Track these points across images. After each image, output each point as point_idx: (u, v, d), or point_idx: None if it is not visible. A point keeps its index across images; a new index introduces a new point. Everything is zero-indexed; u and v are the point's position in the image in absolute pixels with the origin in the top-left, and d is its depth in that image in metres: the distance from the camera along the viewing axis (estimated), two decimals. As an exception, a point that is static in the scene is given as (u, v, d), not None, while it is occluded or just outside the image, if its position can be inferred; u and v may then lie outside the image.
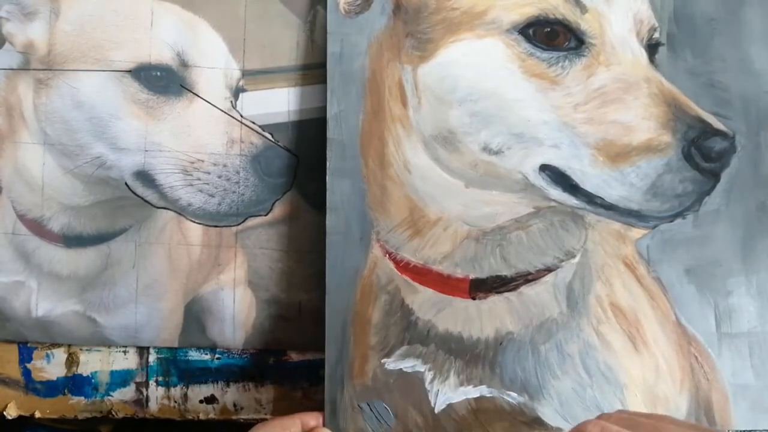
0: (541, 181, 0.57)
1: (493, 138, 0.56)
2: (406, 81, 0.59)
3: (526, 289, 0.59)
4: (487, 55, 0.57)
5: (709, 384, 0.59)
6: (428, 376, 0.59)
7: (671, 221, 0.58)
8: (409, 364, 0.59)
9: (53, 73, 0.64)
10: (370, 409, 0.59)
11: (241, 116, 0.64)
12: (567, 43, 0.56)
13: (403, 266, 0.59)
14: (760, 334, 0.59)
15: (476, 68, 0.57)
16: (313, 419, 0.56)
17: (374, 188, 0.60)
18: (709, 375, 0.59)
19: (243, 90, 0.65)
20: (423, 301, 0.59)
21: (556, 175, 0.56)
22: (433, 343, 0.59)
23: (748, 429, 0.59)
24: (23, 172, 0.65)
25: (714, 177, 0.55)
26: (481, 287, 0.59)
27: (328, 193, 0.60)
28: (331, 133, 0.60)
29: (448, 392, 0.59)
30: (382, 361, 0.59)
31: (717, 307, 0.60)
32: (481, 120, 0.57)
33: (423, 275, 0.59)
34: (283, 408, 0.61)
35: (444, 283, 0.59)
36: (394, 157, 0.59)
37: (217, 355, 0.66)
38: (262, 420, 0.62)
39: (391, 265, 0.60)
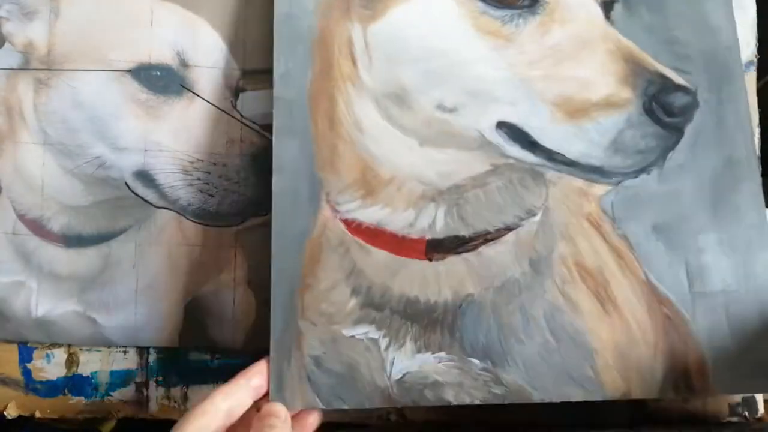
0: (498, 138, 0.55)
1: (447, 96, 0.56)
2: (356, 39, 0.58)
3: (486, 249, 0.56)
4: (439, 13, 0.57)
5: (685, 347, 0.55)
6: (383, 342, 0.55)
7: (635, 177, 0.57)
8: (361, 331, 0.55)
9: (53, 73, 0.63)
10: None
11: (241, 116, 0.64)
12: (521, 1, 0.56)
13: (355, 228, 0.56)
14: (735, 293, 0.56)
15: (428, 27, 0.57)
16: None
17: (324, 149, 0.57)
18: (684, 337, 0.55)
19: (243, 90, 0.64)
20: (376, 263, 0.56)
21: (514, 132, 0.55)
22: (388, 308, 0.55)
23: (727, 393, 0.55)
24: (23, 172, 0.64)
25: (677, 132, 0.55)
26: (438, 248, 0.56)
27: (274, 154, 0.57)
28: (277, 92, 0.58)
29: (405, 360, 0.54)
30: (333, 328, 0.55)
31: (689, 265, 0.56)
32: (435, 78, 0.56)
33: (376, 237, 0.56)
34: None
35: (399, 245, 0.56)
36: (344, 116, 0.57)
37: (217, 356, 0.65)
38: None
39: (342, 226, 0.56)
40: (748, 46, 0.65)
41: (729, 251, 0.56)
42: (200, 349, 0.64)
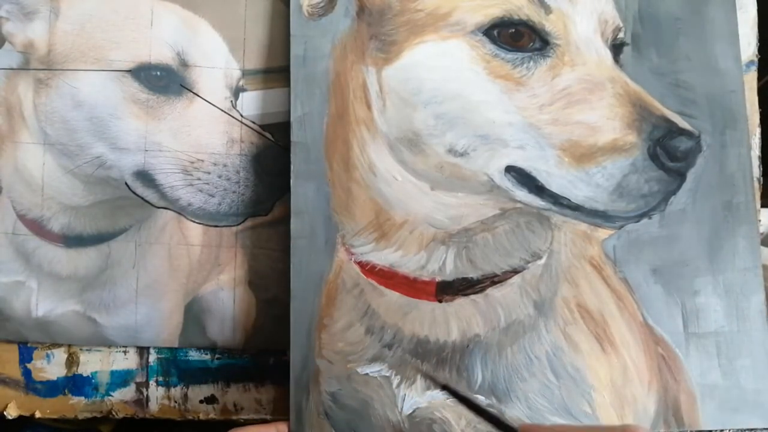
0: (506, 183, 0.56)
1: (458, 140, 0.56)
2: (370, 83, 0.59)
3: (493, 291, 0.59)
4: (451, 56, 0.57)
5: (677, 384, 0.59)
6: (395, 380, 0.58)
7: (637, 221, 0.58)
8: (375, 369, 0.59)
9: (53, 73, 0.64)
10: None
11: (241, 116, 0.64)
12: (532, 44, 0.56)
13: (369, 270, 0.59)
14: (727, 333, 0.59)
15: (441, 70, 0.57)
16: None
17: (339, 191, 0.59)
18: (676, 375, 0.59)
19: (243, 90, 0.65)
20: (389, 304, 0.59)
21: (522, 177, 0.56)
22: (400, 347, 0.59)
23: (715, 429, 0.59)
24: (23, 172, 0.65)
25: (680, 176, 0.55)
26: (448, 290, 0.59)
27: (292, 197, 0.59)
28: (294, 136, 0.60)
29: (415, 396, 0.58)
30: (348, 366, 0.59)
31: (684, 307, 0.59)
32: (446, 122, 0.57)
33: (389, 278, 0.59)
34: (283, 409, 0.60)
35: (410, 286, 0.59)
36: (359, 159, 0.59)
37: (217, 356, 0.66)
38: (262, 421, 0.63)
39: (357, 268, 0.59)
40: (748, 46, 0.65)
41: (723, 293, 0.59)
42: (200, 349, 0.66)
